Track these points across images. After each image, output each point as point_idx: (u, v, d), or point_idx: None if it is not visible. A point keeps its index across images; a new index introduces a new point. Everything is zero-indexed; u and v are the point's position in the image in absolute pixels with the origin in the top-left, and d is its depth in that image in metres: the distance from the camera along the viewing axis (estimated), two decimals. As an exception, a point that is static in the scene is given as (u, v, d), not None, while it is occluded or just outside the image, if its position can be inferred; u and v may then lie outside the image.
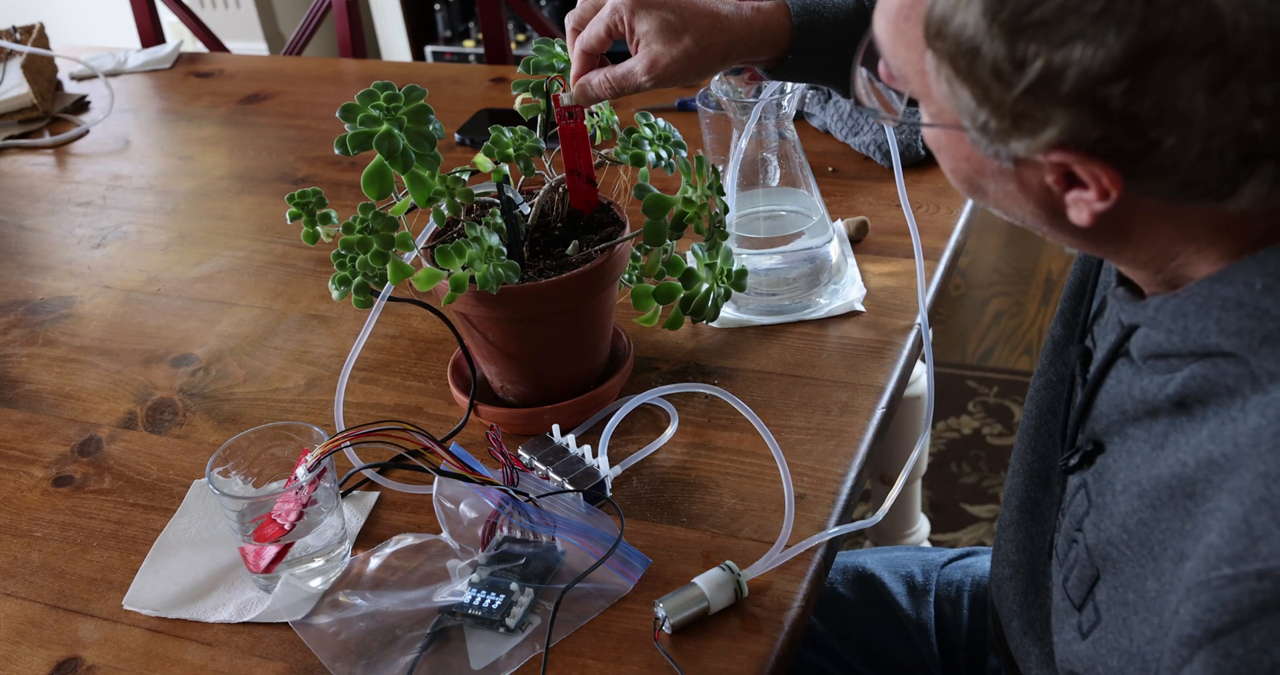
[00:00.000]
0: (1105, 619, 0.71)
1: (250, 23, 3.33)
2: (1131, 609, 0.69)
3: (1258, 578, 0.59)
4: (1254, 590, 0.59)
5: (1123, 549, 0.69)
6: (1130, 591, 0.69)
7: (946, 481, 2.13)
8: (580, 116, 0.94)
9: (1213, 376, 0.64)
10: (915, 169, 1.30)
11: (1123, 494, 0.70)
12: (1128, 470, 0.70)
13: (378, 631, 0.83)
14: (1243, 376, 0.62)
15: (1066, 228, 0.65)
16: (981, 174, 0.66)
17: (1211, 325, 0.63)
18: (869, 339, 1.06)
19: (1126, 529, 0.69)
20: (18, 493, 1.01)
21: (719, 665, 0.78)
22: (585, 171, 0.96)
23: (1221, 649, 0.60)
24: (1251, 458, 0.60)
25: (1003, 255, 2.77)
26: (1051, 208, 0.65)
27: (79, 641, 0.86)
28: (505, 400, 1.01)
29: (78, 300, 1.28)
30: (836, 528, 0.88)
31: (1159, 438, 0.68)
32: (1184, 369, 0.66)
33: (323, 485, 0.85)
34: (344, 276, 0.91)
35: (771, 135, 1.06)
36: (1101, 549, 0.71)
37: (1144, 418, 0.70)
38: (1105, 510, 0.71)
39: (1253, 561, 0.59)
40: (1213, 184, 0.59)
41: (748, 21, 0.94)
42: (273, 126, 1.64)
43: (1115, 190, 0.60)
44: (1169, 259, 0.66)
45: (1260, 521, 0.59)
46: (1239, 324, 0.62)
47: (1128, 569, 0.69)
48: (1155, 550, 0.67)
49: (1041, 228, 0.67)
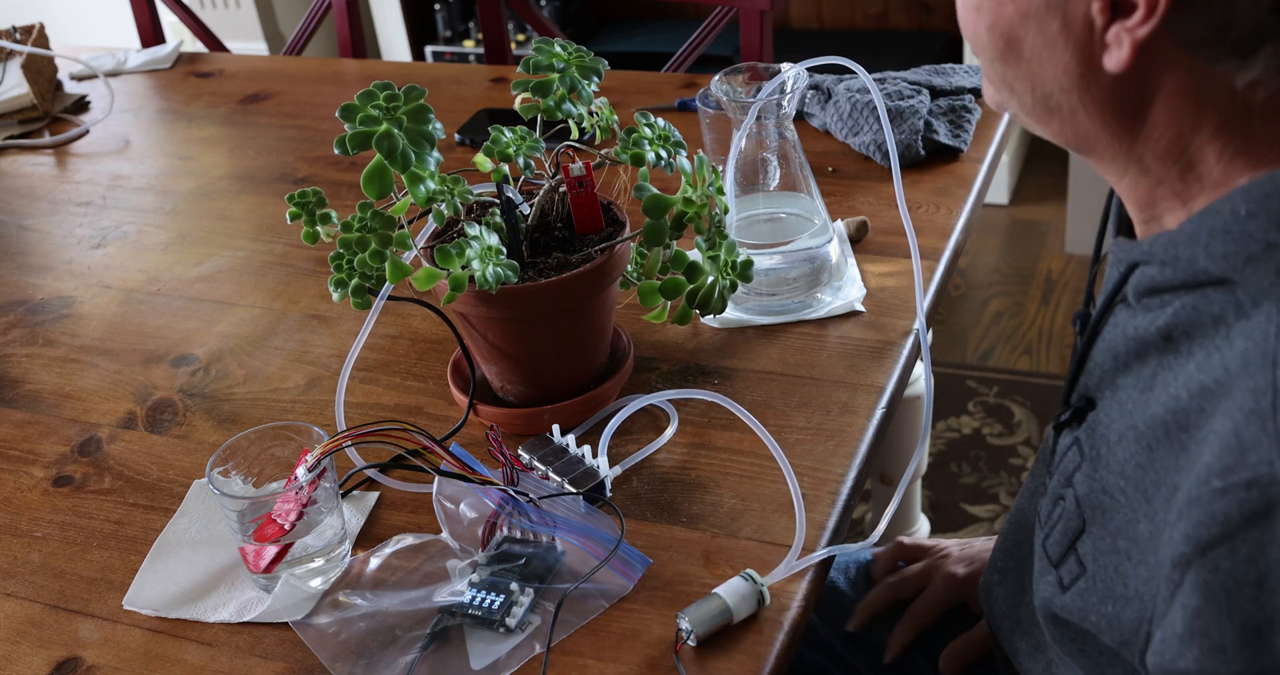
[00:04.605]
0: (1092, 570, 0.72)
1: (250, 23, 3.32)
2: (1124, 555, 0.69)
3: (1246, 487, 0.60)
4: (1242, 500, 0.60)
5: (1117, 497, 0.70)
6: (1121, 538, 0.69)
7: (946, 481, 2.13)
8: (590, 185, 0.95)
9: (1201, 306, 0.65)
10: (915, 169, 1.30)
11: (1119, 443, 0.70)
12: (1120, 419, 0.71)
13: (378, 631, 0.83)
14: (1228, 304, 0.64)
15: (1093, 92, 0.67)
16: (1025, 16, 0.67)
17: (1200, 252, 0.65)
18: (869, 339, 1.06)
19: (1125, 475, 0.69)
20: (18, 493, 1.01)
21: (719, 665, 0.78)
22: (596, 233, 0.98)
23: (1209, 563, 0.61)
24: (1241, 377, 0.61)
25: (1003, 255, 2.77)
26: (1089, 56, 0.66)
27: (79, 641, 0.86)
28: (505, 400, 1.01)
29: (78, 300, 1.28)
30: (859, 543, 0.90)
31: (1147, 380, 0.69)
32: (1174, 302, 0.67)
33: (323, 485, 0.85)
34: (340, 279, 0.91)
35: (771, 135, 1.06)
36: (1093, 499, 0.72)
37: (1134, 362, 0.71)
38: (1101, 461, 0.72)
39: (1241, 472, 0.60)
40: (1244, 33, 0.61)
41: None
42: (273, 126, 1.64)
43: (1163, 2, 0.61)
44: (1179, 153, 0.68)
45: (1249, 433, 0.60)
46: (1225, 248, 0.64)
47: (1118, 516, 0.70)
48: (1149, 492, 0.67)
49: (1070, 93, 0.68)
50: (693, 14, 3.39)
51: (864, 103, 1.35)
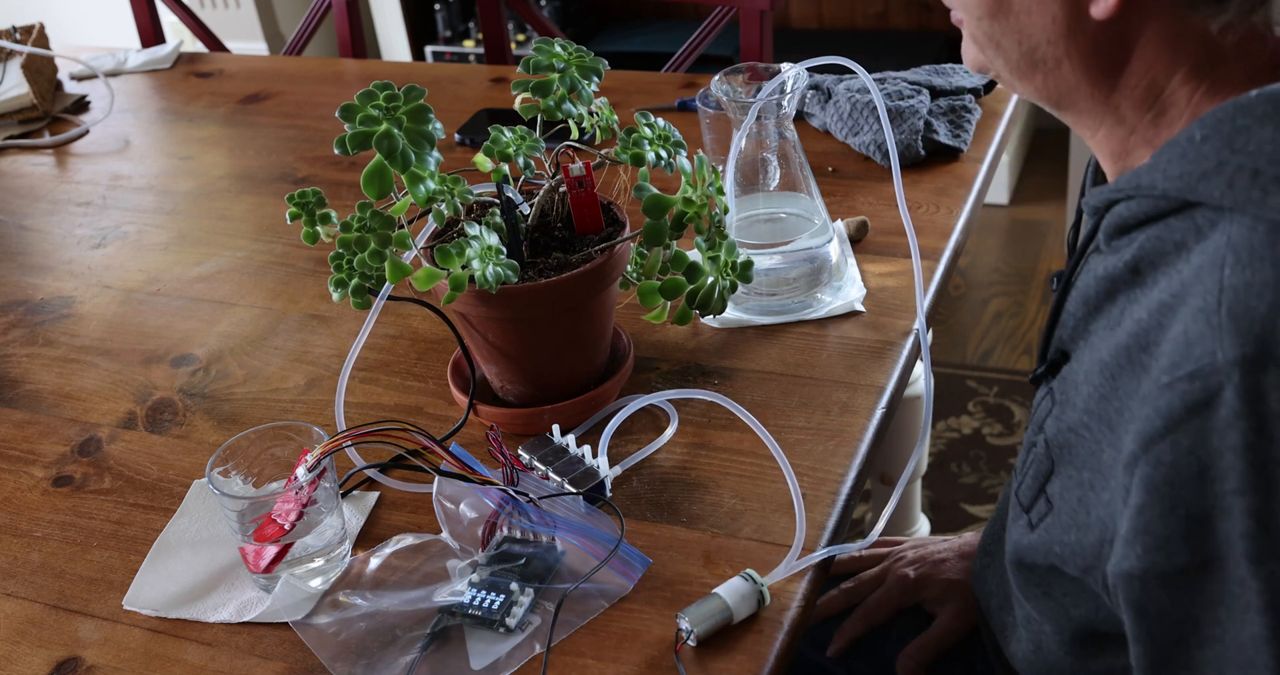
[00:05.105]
0: (1058, 506, 0.73)
1: (250, 23, 3.32)
2: (1088, 487, 0.70)
3: (1189, 379, 0.61)
4: (1185, 392, 0.61)
5: (1082, 432, 0.71)
6: (1086, 471, 0.71)
7: (946, 481, 2.13)
8: (590, 185, 0.95)
9: (1164, 235, 0.68)
10: (915, 169, 1.30)
11: (1085, 383, 0.72)
12: (1090, 360, 0.72)
13: (378, 631, 0.83)
14: (1189, 230, 0.66)
15: (1079, 41, 0.70)
16: None
17: (1159, 176, 0.67)
18: (869, 339, 1.06)
19: (1088, 410, 0.71)
20: (18, 493, 1.01)
21: (719, 665, 0.78)
22: (596, 233, 0.98)
23: (1153, 458, 0.63)
24: (1195, 285, 0.63)
25: (1003, 255, 2.77)
26: (1076, 5, 0.68)
27: (79, 641, 0.86)
28: (505, 400, 1.01)
29: (78, 300, 1.28)
30: (858, 541, 0.89)
31: (1115, 318, 0.71)
32: (1139, 237, 0.70)
33: (323, 485, 0.85)
34: (340, 279, 0.91)
35: (771, 135, 1.06)
36: (1061, 439, 0.73)
37: (1104, 304, 0.72)
38: (1068, 403, 0.73)
39: (1186, 365, 0.61)
40: None
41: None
42: (273, 126, 1.64)
43: None
44: (1153, 100, 0.71)
45: (1196, 328, 0.62)
46: (1180, 169, 0.66)
47: (1083, 450, 0.71)
48: (1113, 420, 0.68)
49: (1056, 44, 0.71)
50: (693, 14, 3.39)
51: (864, 103, 1.35)
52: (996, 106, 1.41)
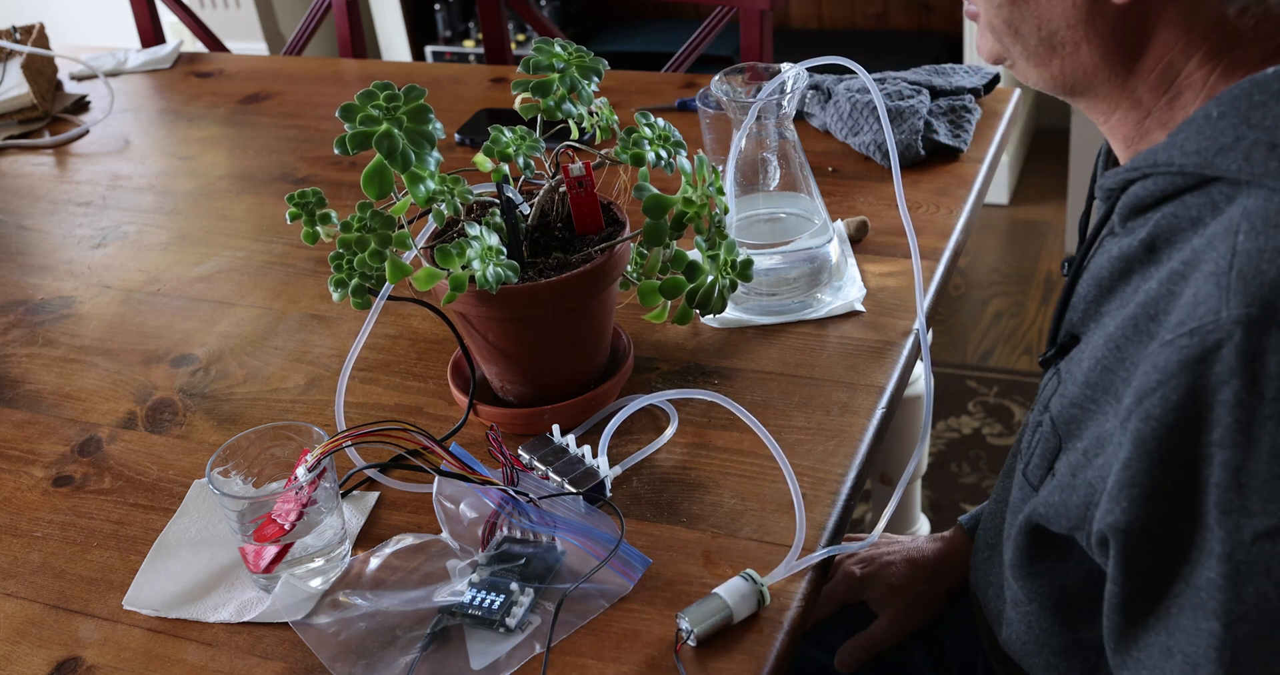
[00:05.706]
0: (1062, 476, 0.74)
1: (250, 23, 3.33)
2: (1090, 454, 0.71)
3: (1190, 335, 0.62)
4: (1184, 346, 0.62)
5: (1086, 405, 0.72)
6: (1088, 440, 0.71)
7: (946, 481, 2.13)
8: (590, 185, 0.95)
9: (1180, 213, 0.68)
10: (915, 169, 1.30)
11: (1089, 357, 0.72)
12: (1099, 338, 0.73)
13: (378, 631, 0.83)
14: (1205, 206, 0.66)
15: (1098, 24, 0.70)
16: None
17: (1175, 152, 0.68)
18: (869, 339, 1.06)
19: (1089, 383, 0.71)
20: (18, 493, 1.01)
21: (719, 665, 0.78)
22: (596, 232, 0.98)
23: (1143, 411, 0.64)
24: (1208, 252, 0.64)
25: (1003, 255, 2.77)
26: None
27: (79, 641, 0.86)
28: (505, 400, 1.01)
29: (78, 300, 1.28)
30: (859, 542, 0.90)
31: (1128, 298, 0.71)
32: (1155, 216, 0.70)
33: (323, 485, 0.85)
34: (340, 279, 0.91)
35: (771, 135, 1.06)
36: (1066, 414, 0.74)
37: (1117, 284, 0.73)
38: (1072, 379, 0.74)
39: (1189, 323, 0.62)
40: None
41: (938, 550, 1.10)
42: (273, 126, 1.64)
43: None
44: (1169, 82, 0.71)
45: (1206, 289, 0.62)
46: (1197, 144, 0.67)
47: (1089, 422, 0.71)
48: (1118, 389, 0.69)
49: (1076, 27, 0.71)
50: (693, 14, 3.39)
51: (864, 103, 1.35)
52: (996, 106, 1.41)
